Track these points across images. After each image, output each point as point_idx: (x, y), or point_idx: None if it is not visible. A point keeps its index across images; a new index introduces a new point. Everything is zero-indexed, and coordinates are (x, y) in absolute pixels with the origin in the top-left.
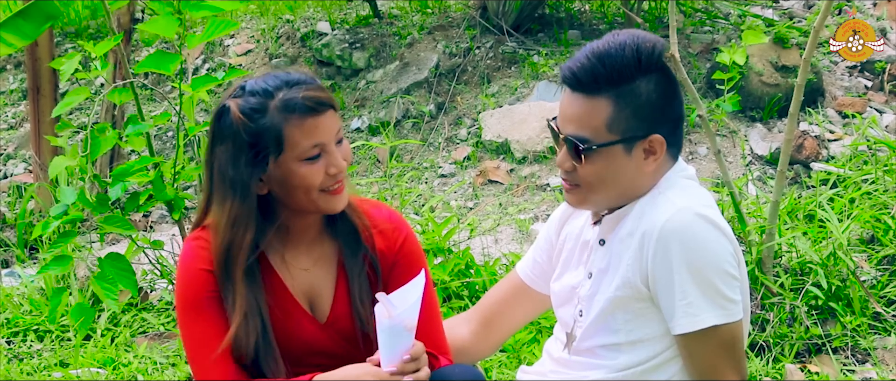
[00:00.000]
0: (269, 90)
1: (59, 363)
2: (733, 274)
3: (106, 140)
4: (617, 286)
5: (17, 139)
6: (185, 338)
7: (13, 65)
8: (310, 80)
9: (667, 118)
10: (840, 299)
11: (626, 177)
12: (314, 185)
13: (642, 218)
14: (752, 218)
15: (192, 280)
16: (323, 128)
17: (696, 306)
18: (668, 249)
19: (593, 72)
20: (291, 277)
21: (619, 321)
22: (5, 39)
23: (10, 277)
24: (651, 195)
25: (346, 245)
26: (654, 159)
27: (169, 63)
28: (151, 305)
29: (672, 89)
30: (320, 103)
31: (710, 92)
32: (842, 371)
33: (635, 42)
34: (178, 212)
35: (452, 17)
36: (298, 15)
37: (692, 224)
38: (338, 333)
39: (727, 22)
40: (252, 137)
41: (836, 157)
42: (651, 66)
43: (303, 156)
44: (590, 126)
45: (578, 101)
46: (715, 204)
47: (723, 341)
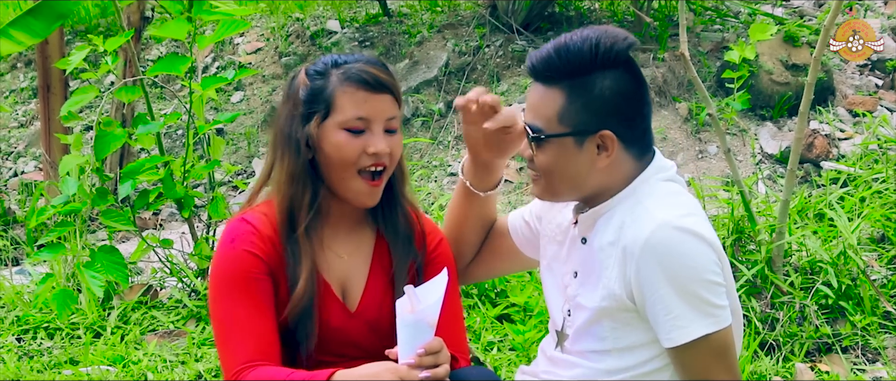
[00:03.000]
0: (339, 61)
1: (69, 361)
2: (717, 281)
3: (115, 138)
4: (602, 297)
5: (28, 137)
6: (216, 316)
7: (24, 63)
8: (380, 63)
9: (622, 116)
10: (850, 298)
11: (580, 171)
12: (348, 159)
13: (623, 230)
14: (762, 217)
15: (234, 260)
16: (373, 105)
17: (684, 318)
18: (651, 267)
19: (549, 62)
20: (326, 262)
21: (606, 329)
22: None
23: (21, 274)
24: (630, 204)
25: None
26: (607, 156)
27: (180, 65)
28: (161, 303)
29: (632, 87)
30: (378, 81)
31: (720, 91)
32: (852, 370)
33: (597, 37)
34: (187, 210)
35: (462, 15)
36: (308, 13)
37: (671, 240)
38: (365, 323)
39: (737, 20)
40: (309, 95)
41: (847, 156)
42: (609, 61)
43: (345, 124)
44: (543, 116)
45: (537, 90)
46: (695, 208)
47: (714, 349)
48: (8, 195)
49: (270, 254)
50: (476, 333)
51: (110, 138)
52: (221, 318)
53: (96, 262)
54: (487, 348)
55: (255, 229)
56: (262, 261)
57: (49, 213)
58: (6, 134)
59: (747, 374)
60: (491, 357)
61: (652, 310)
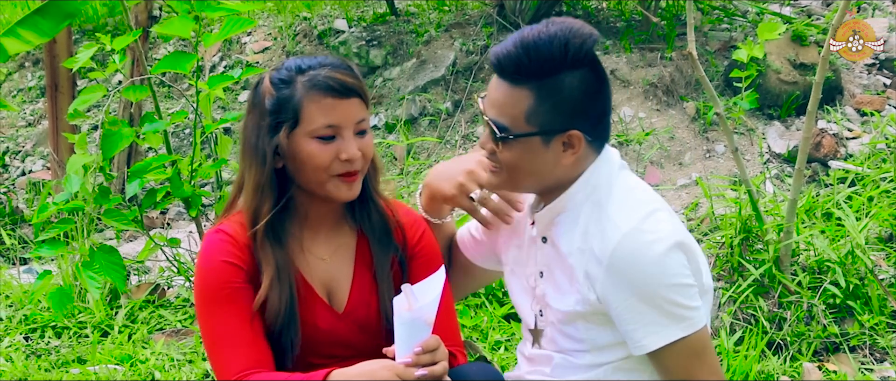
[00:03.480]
0: (303, 67)
1: (77, 360)
2: (687, 283)
3: (122, 137)
4: (576, 301)
5: (35, 136)
6: (205, 330)
7: (31, 62)
8: (345, 66)
9: (588, 114)
10: (858, 297)
11: (545, 167)
12: (322, 165)
13: (588, 238)
14: (769, 216)
15: (213, 272)
16: (342, 111)
17: (658, 324)
18: (619, 279)
19: (518, 62)
20: (309, 265)
21: (581, 331)
22: (23, 37)
23: (28, 273)
24: (592, 207)
25: (376, 239)
26: (572, 153)
27: (185, 63)
28: (169, 302)
29: (598, 85)
30: (344, 87)
31: (727, 90)
32: (859, 370)
33: (565, 35)
34: (195, 209)
35: (469, 14)
36: (315, 12)
37: (637, 251)
38: (355, 322)
39: (745, 19)
40: (274, 105)
41: (855, 155)
42: (578, 61)
43: (315, 133)
44: (509, 115)
45: (503, 87)
46: (654, 201)
47: (693, 350)
48: (16, 194)
49: (248, 261)
50: (483, 332)
51: (118, 137)
52: (210, 331)
53: (95, 262)
54: (495, 347)
55: (231, 238)
56: (240, 270)
57: (51, 210)
58: (14, 133)
59: (755, 373)
60: (498, 356)
61: (624, 320)
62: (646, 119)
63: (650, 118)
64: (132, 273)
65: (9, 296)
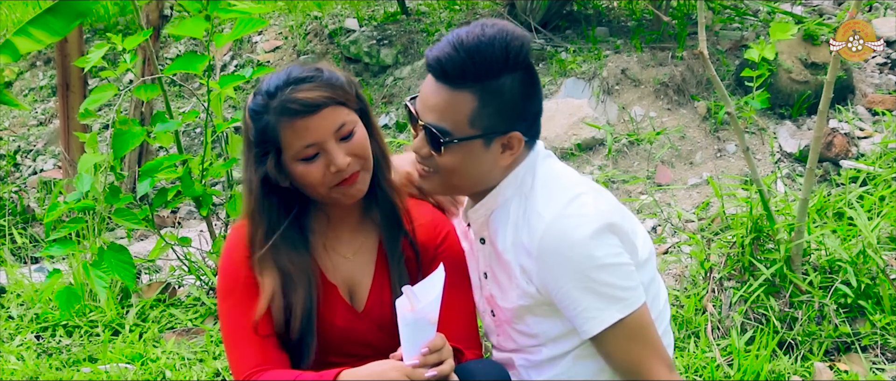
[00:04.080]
0: (272, 91)
1: (88, 358)
2: (618, 262)
3: (133, 136)
4: (518, 296)
5: (47, 135)
6: (224, 323)
7: (43, 61)
8: (311, 76)
9: (526, 115)
10: (869, 297)
11: (483, 168)
12: (315, 183)
13: (518, 232)
14: (780, 216)
15: (235, 266)
16: (315, 128)
17: (593, 308)
18: (550, 266)
19: (462, 66)
20: (332, 264)
21: (531, 325)
22: (35, 36)
23: (40, 272)
24: (519, 201)
25: (385, 229)
26: (511, 154)
27: (197, 63)
28: (179, 300)
29: (533, 86)
30: (311, 105)
31: (738, 89)
32: (871, 370)
33: (505, 38)
34: (206, 208)
35: (480, 13)
36: (326, 12)
37: (564, 235)
38: (374, 321)
39: (756, 19)
40: (256, 136)
41: (866, 154)
42: (518, 63)
43: (298, 156)
44: (452, 119)
45: (442, 91)
46: (578, 184)
47: (632, 331)
48: (27, 193)
49: None
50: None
51: (128, 136)
52: (229, 326)
53: (104, 261)
54: None
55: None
56: None
57: (61, 209)
58: (25, 132)
59: (766, 373)
60: None
61: (562, 305)
62: (657, 118)
63: (661, 118)
64: (143, 272)
65: (20, 295)
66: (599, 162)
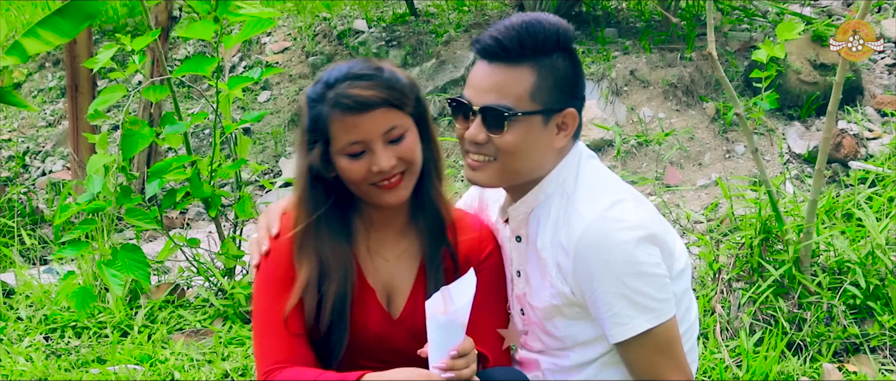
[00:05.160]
0: (331, 82)
1: (97, 360)
2: (654, 272)
3: (142, 137)
4: (551, 295)
5: (56, 136)
6: (255, 315)
7: (52, 62)
8: (370, 75)
9: (578, 96)
10: (878, 298)
11: (539, 150)
12: (356, 179)
13: (558, 230)
14: (789, 217)
15: (273, 260)
16: (364, 127)
17: (624, 315)
18: (586, 267)
19: (520, 40)
20: (373, 267)
21: (559, 327)
22: (44, 37)
23: (49, 273)
24: (560, 200)
25: (428, 236)
26: (564, 135)
27: (206, 65)
28: (188, 302)
29: (580, 69)
30: (363, 103)
31: (747, 90)
32: (880, 371)
33: (552, 19)
34: (214, 209)
35: (489, 14)
36: (335, 13)
37: (602, 239)
38: (408, 330)
39: (765, 20)
40: (309, 124)
41: (875, 155)
42: (566, 43)
43: (344, 151)
44: (513, 94)
45: (499, 71)
46: (623, 190)
47: (658, 343)
48: (36, 194)
49: None
50: None
51: (137, 137)
52: (260, 315)
53: (118, 260)
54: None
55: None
56: None
57: (73, 210)
58: (34, 133)
59: (774, 374)
60: None
61: (594, 307)
62: (665, 119)
63: (670, 119)
64: (152, 273)
65: (29, 296)
66: (608, 163)
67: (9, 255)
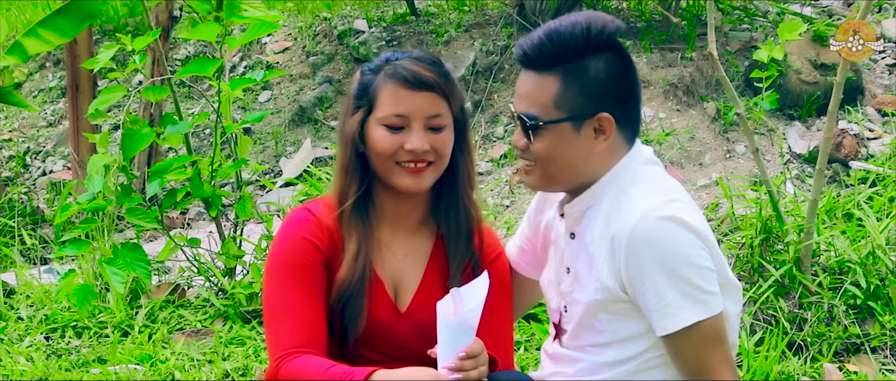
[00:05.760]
0: (392, 58)
1: (97, 360)
2: (706, 265)
3: (143, 137)
4: (595, 290)
5: (56, 136)
6: (268, 299)
7: (52, 62)
8: (431, 61)
9: (617, 98)
10: (879, 298)
11: (578, 156)
12: (385, 152)
13: (610, 222)
14: (790, 217)
15: (292, 245)
16: (412, 103)
17: (675, 305)
18: (638, 256)
19: (541, 48)
20: (382, 259)
21: (602, 322)
22: (44, 37)
23: (49, 273)
24: (615, 194)
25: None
26: (604, 139)
27: (209, 67)
28: (189, 302)
29: (624, 69)
30: (419, 80)
31: (748, 90)
32: (880, 371)
33: (587, 21)
34: (215, 209)
35: (489, 14)
36: (335, 13)
37: (656, 228)
38: (413, 325)
39: (766, 20)
40: (358, 91)
41: (876, 155)
42: (600, 44)
43: (384, 121)
44: (538, 103)
45: (530, 78)
46: (679, 192)
47: (707, 336)
48: (36, 194)
49: (327, 244)
50: None
51: (138, 137)
52: (272, 303)
53: (119, 259)
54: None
55: (314, 217)
56: (317, 249)
57: (74, 210)
58: (35, 133)
59: (775, 374)
60: (518, 357)
61: (643, 299)
62: (666, 119)
63: (670, 118)
64: (152, 273)
65: (29, 296)
66: None
67: (9, 255)
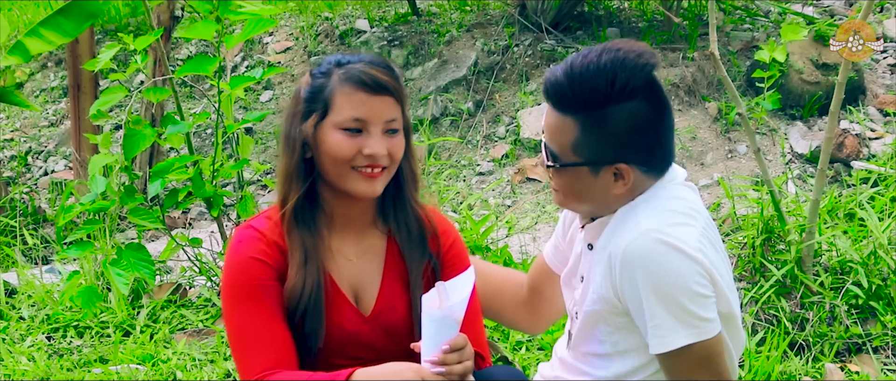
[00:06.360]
0: (343, 61)
1: (99, 359)
2: (702, 293)
3: (144, 137)
4: (593, 300)
5: (58, 136)
6: (229, 325)
7: (54, 62)
8: (384, 65)
9: (638, 147)
10: (880, 298)
11: (595, 194)
12: (343, 158)
13: (612, 235)
14: (791, 217)
15: (241, 268)
16: (371, 107)
17: (665, 327)
18: (632, 273)
19: (563, 93)
20: (337, 265)
21: (602, 333)
22: (46, 37)
23: (51, 273)
24: (627, 209)
25: (410, 248)
26: (624, 183)
27: (208, 65)
28: (190, 301)
29: (651, 116)
30: (377, 83)
31: (750, 90)
32: (882, 371)
33: (613, 69)
34: (216, 209)
35: (491, 14)
36: (337, 12)
37: (651, 250)
38: (381, 327)
39: (767, 19)
40: (309, 94)
41: (877, 155)
42: (625, 94)
43: (342, 125)
44: (558, 142)
45: (552, 113)
46: (691, 215)
47: (698, 358)
48: (38, 194)
49: (277, 257)
50: (505, 332)
51: (139, 138)
52: (235, 328)
53: (123, 259)
54: (516, 347)
55: (260, 234)
56: (269, 267)
57: (77, 210)
58: (37, 133)
59: (777, 374)
60: (519, 357)
61: (637, 315)
62: None
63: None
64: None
65: (31, 296)
66: None
67: (11, 255)
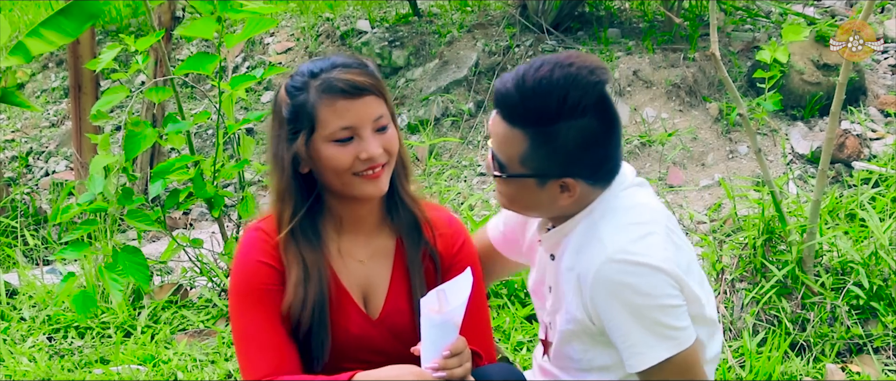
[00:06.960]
0: (315, 71)
1: (100, 360)
2: (674, 304)
3: (145, 138)
4: (566, 321)
5: (59, 137)
6: (235, 327)
7: (55, 63)
8: (358, 64)
9: (586, 163)
10: (881, 298)
11: (541, 204)
12: (342, 167)
13: (578, 256)
14: (792, 217)
15: (248, 271)
16: (356, 112)
17: (642, 344)
18: (602, 298)
19: (513, 106)
20: (346, 268)
21: (577, 351)
22: (47, 37)
23: (52, 274)
24: (586, 225)
25: (407, 237)
26: (569, 196)
27: (208, 64)
28: (191, 302)
29: (599, 133)
30: (356, 87)
31: (751, 90)
32: (883, 372)
33: (566, 84)
34: (217, 209)
35: (492, 15)
36: (338, 13)
37: (619, 272)
38: (389, 330)
39: (768, 20)
40: (291, 113)
41: (878, 156)
42: (576, 112)
43: (332, 137)
44: (505, 153)
45: (501, 124)
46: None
47: (679, 369)
48: (39, 195)
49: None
50: (505, 333)
51: (140, 138)
52: (240, 330)
53: (118, 263)
54: (517, 347)
55: (269, 237)
56: (276, 270)
57: (74, 211)
58: (38, 133)
59: (777, 375)
60: (520, 357)
61: (612, 336)
62: (668, 120)
63: (673, 119)
64: (155, 274)
65: (32, 296)
66: None
67: (12, 255)
